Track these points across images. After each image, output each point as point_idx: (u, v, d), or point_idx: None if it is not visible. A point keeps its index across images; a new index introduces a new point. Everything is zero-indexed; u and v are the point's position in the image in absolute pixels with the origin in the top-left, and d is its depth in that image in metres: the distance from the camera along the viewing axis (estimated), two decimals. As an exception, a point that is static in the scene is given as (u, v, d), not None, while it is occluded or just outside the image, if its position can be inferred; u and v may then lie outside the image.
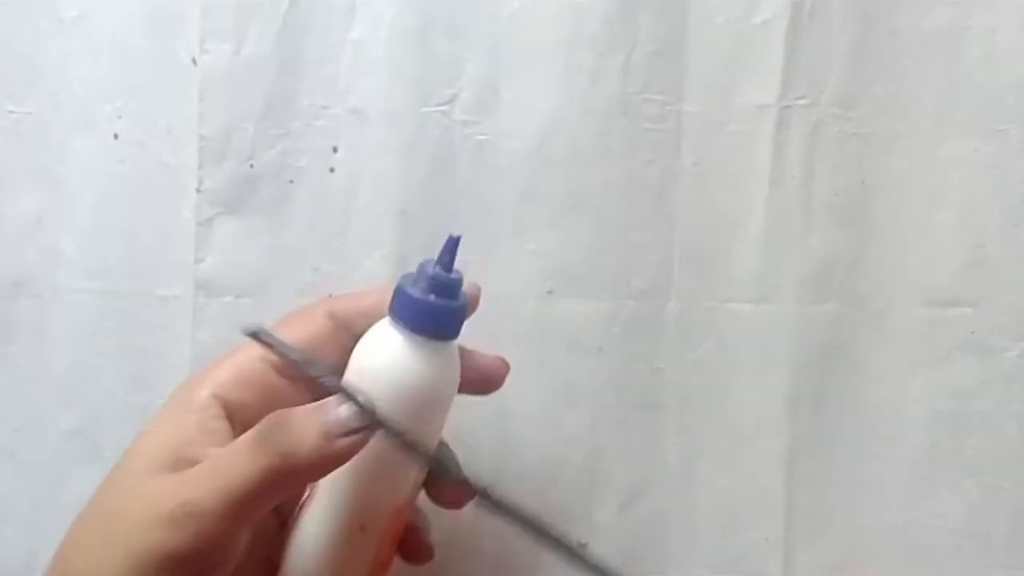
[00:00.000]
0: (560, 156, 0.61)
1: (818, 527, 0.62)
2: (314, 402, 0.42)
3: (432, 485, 0.50)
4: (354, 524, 0.46)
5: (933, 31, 0.61)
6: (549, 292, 0.61)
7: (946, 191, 0.61)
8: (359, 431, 0.40)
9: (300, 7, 0.61)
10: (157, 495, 0.39)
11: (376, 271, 0.61)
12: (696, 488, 0.62)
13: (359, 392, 0.41)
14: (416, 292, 0.44)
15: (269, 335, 0.41)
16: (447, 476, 0.45)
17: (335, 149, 0.61)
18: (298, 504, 0.48)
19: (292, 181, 0.61)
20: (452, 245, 0.44)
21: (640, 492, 0.62)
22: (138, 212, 0.62)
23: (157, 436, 0.43)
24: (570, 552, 0.40)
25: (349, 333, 0.47)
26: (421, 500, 0.51)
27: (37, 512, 0.62)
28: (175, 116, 0.61)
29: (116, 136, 0.61)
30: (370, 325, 0.46)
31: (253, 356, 0.46)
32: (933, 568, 0.62)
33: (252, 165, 0.61)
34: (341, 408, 0.41)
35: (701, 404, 0.62)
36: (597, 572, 0.40)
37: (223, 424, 0.43)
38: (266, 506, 0.41)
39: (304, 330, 0.47)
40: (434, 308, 0.44)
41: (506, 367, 0.50)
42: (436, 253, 0.45)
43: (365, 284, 0.60)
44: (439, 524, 0.55)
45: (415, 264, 0.46)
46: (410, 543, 0.51)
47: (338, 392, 0.41)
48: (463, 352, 0.48)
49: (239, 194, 0.61)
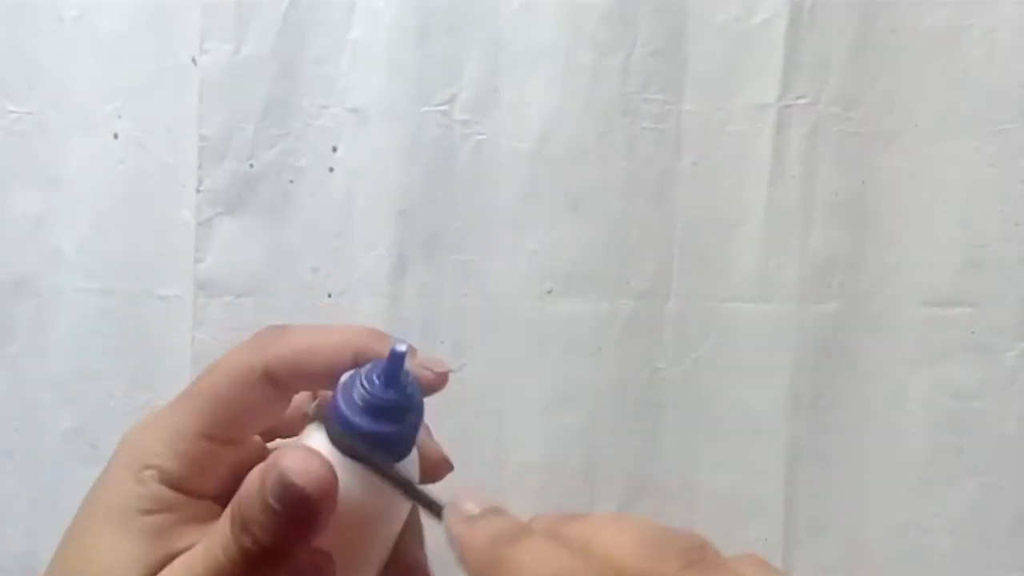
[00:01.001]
0: (560, 156, 0.61)
1: (818, 527, 0.62)
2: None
3: None
4: None
5: (933, 31, 0.61)
6: (549, 292, 0.61)
7: (946, 191, 0.61)
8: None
9: (300, 7, 0.61)
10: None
11: (376, 270, 0.61)
12: (696, 488, 0.62)
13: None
14: (352, 413, 0.35)
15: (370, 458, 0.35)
16: None
17: (335, 149, 0.61)
18: None
19: (292, 181, 0.61)
20: (396, 361, 0.35)
21: (640, 492, 0.62)
22: (138, 212, 0.62)
23: (107, 496, 0.40)
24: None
25: (289, 398, 0.40)
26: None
27: (36, 512, 0.62)
28: (175, 116, 0.61)
29: (116, 136, 0.61)
30: (326, 382, 0.38)
31: (189, 422, 0.40)
32: (933, 568, 0.62)
33: (252, 165, 0.61)
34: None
35: (701, 404, 0.62)
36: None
37: (163, 490, 0.40)
38: None
39: (235, 395, 0.39)
40: (372, 436, 0.35)
41: (449, 468, 0.44)
42: (436, 253, 0.44)
43: (365, 284, 0.60)
44: None
45: (415, 264, 0.46)
46: None
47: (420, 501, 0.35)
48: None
49: (239, 194, 0.61)
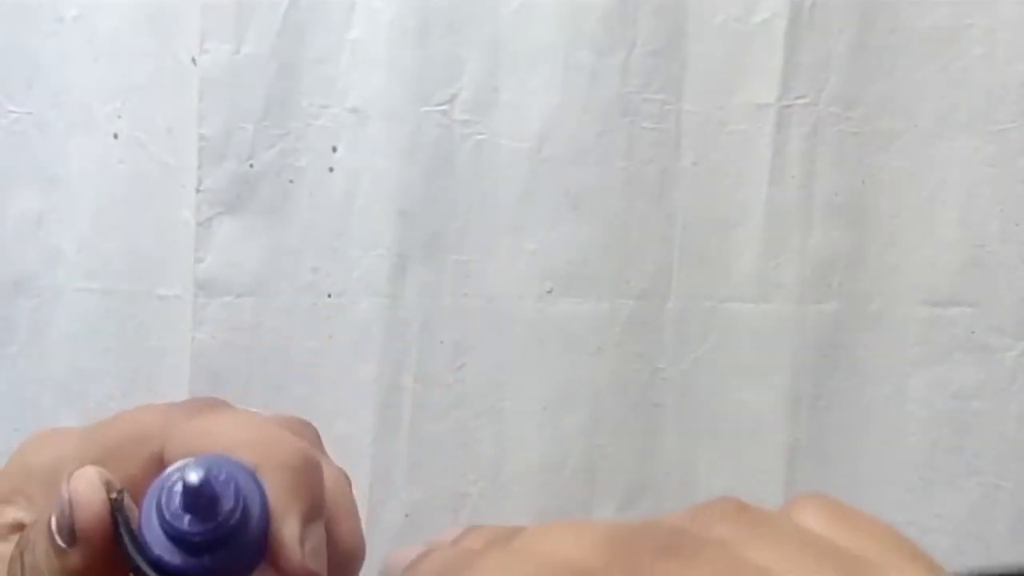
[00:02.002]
0: (560, 156, 0.61)
1: (818, 527, 0.62)
2: None
3: None
4: None
5: (933, 30, 0.61)
6: (549, 292, 0.61)
7: (946, 191, 0.61)
8: None
9: (300, 7, 0.61)
10: None
11: (376, 270, 0.61)
12: (696, 488, 0.62)
13: None
14: (151, 537, 0.28)
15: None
16: None
17: (335, 149, 0.61)
18: None
19: (292, 181, 0.61)
20: (193, 496, 0.28)
21: (639, 492, 0.62)
22: (138, 212, 0.62)
23: None
24: None
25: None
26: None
27: (37, 512, 0.62)
28: (175, 116, 0.61)
29: (116, 136, 0.61)
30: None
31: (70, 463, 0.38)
32: (933, 568, 0.62)
33: (252, 165, 0.61)
34: None
35: (701, 404, 0.62)
36: None
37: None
38: None
39: (120, 459, 0.33)
40: (170, 570, 0.28)
41: (361, 560, 0.38)
42: (436, 253, 0.44)
43: (365, 284, 0.60)
44: None
45: (415, 264, 0.46)
46: None
47: None
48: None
49: (239, 194, 0.61)
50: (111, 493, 0.30)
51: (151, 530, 0.29)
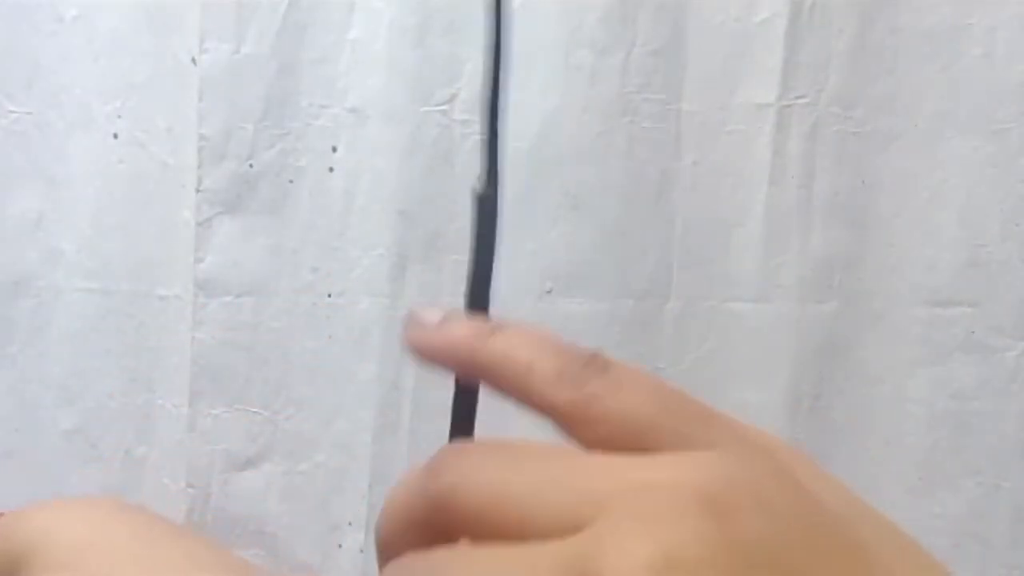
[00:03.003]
0: (560, 156, 0.61)
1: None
2: None
3: None
4: None
5: (933, 30, 0.61)
6: (548, 292, 0.61)
7: (946, 191, 0.61)
8: None
9: (300, 7, 0.61)
10: None
11: (376, 270, 0.61)
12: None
13: None
14: None
15: None
16: None
17: (334, 149, 0.61)
18: None
19: (292, 181, 0.61)
20: None
21: (640, 492, 0.62)
22: (138, 212, 0.62)
23: None
24: None
25: None
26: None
27: (37, 512, 0.62)
28: (175, 116, 0.61)
29: (116, 136, 0.61)
30: None
31: None
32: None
33: (252, 165, 0.61)
34: None
35: (701, 404, 0.62)
36: None
37: None
38: None
39: None
40: None
41: None
42: (436, 253, 0.44)
43: (365, 284, 0.60)
44: None
45: (415, 264, 0.46)
46: None
47: None
48: None
49: (239, 194, 0.61)
50: None
51: None
